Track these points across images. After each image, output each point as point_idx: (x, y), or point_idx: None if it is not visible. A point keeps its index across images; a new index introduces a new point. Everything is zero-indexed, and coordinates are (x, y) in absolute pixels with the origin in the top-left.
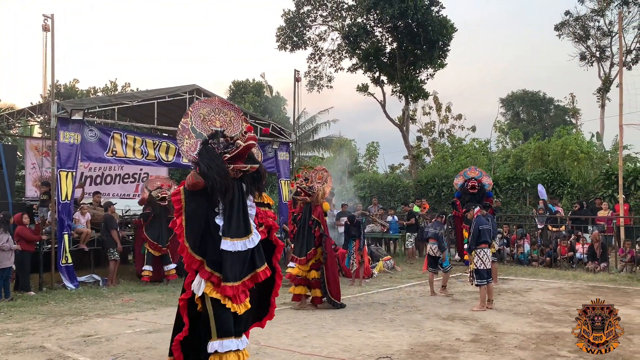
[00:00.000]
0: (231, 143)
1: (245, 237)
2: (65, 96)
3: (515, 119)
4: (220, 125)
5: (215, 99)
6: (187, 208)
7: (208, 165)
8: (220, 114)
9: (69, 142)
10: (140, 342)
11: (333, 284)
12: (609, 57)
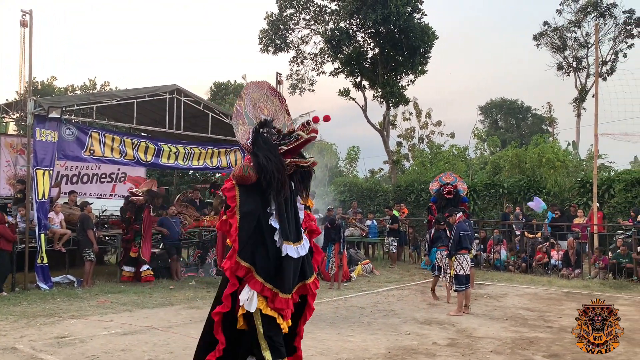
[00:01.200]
0: (286, 134)
1: (298, 243)
2: (43, 93)
3: (494, 126)
4: (268, 114)
5: (265, 83)
6: (242, 207)
7: (267, 157)
8: (268, 101)
9: (46, 140)
10: (115, 344)
11: None
12: (585, 68)
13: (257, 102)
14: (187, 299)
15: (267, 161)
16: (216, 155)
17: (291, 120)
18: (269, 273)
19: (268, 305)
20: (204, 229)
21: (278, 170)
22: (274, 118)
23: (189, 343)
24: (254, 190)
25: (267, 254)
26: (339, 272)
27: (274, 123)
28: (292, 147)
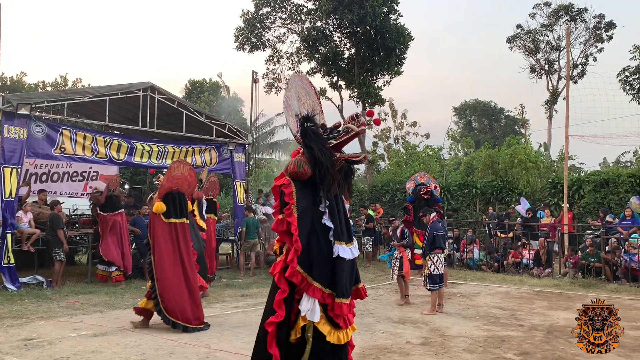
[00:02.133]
0: (332, 128)
1: (350, 243)
2: (12, 89)
3: (467, 127)
4: (307, 109)
5: (304, 76)
6: (299, 204)
7: (321, 150)
8: (307, 95)
9: (14, 138)
10: (85, 345)
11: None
12: (557, 71)
13: (299, 96)
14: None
15: (321, 154)
16: (190, 154)
17: (324, 118)
18: (325, 277)
19: (328, 312)
20: None
21: (332, 165)
22: (315, 113)
23: (160, 344)
24: (309, 187)
25: (322, 257)
26: None
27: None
28: (341, 141)
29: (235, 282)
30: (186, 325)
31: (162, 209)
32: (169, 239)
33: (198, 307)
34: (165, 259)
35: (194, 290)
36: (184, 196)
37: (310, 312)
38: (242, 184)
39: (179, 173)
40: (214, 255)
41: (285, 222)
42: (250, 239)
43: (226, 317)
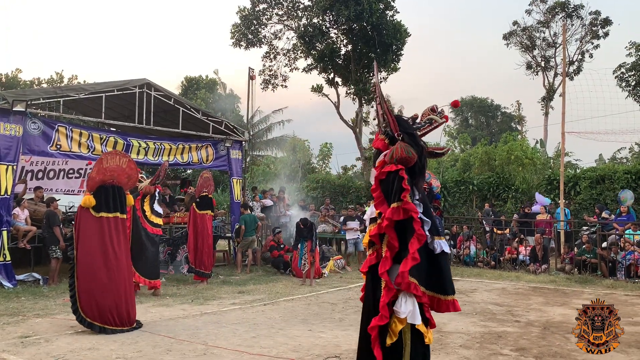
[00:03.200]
0: (414, 118)
1: (443, 237)
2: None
3: (464, 124)
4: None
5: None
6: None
7: (414, 141)
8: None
9: (10, 134)
10: (82, 342)
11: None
12: (553, 67)
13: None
14: (156, 297)
15: (416, 145)
16: (187, 150)
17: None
18: (422, 275)
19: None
20: (174, 225)
21: (424, 154)
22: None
23: (158, 341)
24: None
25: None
26: (311, 269)
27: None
28: (424, 132)
29: (232, 279)
30: (104, 326)
31: (90, 203)
32: (97, 234)
33: (128, 307)
34: (89, 256)
35: (123, 290)
36: (120, 190)
37: (411, 315)
38: (238, 180)
39: (113, 165)
40: (211, 252)
41: (401, 210)
42: (248, 236)
43: (223, 313)
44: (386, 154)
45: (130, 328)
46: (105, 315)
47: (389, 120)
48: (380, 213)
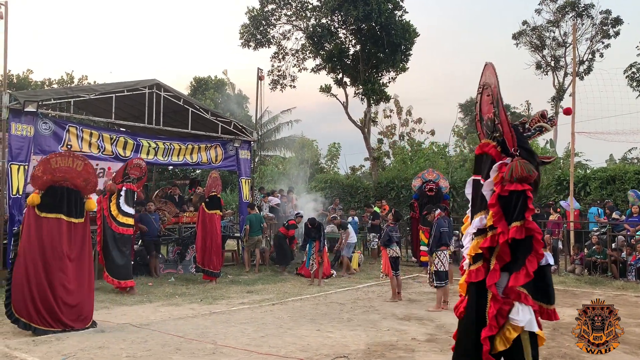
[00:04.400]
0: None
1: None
2: (18, 87)
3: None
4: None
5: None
6: None
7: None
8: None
9: (21, 135)
10: (92, 341)
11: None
12: (563, 67)
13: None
14: (165, 296)
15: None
16: (196, 151)
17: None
18: (530, 285)
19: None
20: (183, 225)
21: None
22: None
23: (167, 340)
24: None
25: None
26: (319, 269)
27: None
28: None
29: (241, 279)
30: (30, 323)
31: (35, 201)
32: (37, 234)
33: (67, 308)
34: (28, 254)
35: (64, 291)
36: (75, 193)
37: (529, 323)
38: (247, 180)
39: (63, 166)
40: (220, 251)
41: (524, 230)
42: (254, 235)
43: (232, 313)
44: (501, 167)
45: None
46: (32, 313)
47: (507, 133)
48: (491, 226)
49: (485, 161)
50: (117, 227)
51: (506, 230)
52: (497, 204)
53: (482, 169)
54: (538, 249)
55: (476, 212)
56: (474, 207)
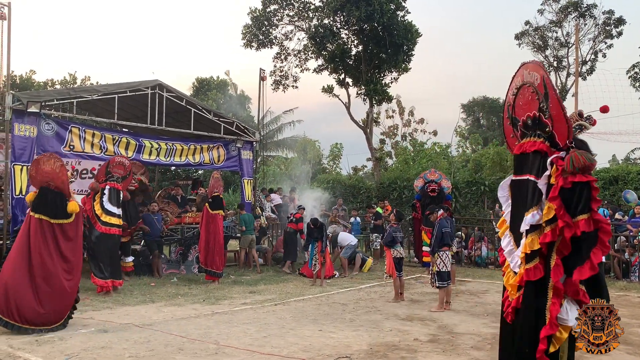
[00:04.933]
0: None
1: None
2: (21, 87)
3: (476, 124)
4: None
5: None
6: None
7: (587, 147)
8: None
9: (24, 135)
10: (95, 341)
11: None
12: (566, 67)
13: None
14: (168, 296)
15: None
16: (198, 151)
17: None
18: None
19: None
20: (185, 225)
21: None
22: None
23: (170, 340)
24: None
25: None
26: (322, 269)
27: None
28: None
29: (243, 279)
30: (9, 321)
31: (28, 199)
32: (27, 232)
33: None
34: (15, 252)
35: (43, 292)
36: (59, 195)
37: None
38: (249, 181)
39: (48, 168)
40: (222, 251)
41: (591, 222)
42: (247, 234)
43: (234, 313)
44: (557, 161)
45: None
46: (12, 312)
47: (564, 124)
48: (548, 221)
49: (532, 160)
50: (100, 226)
51: (571, 223)
52: (558, 197)
53: (525, 168)
54: (605, 240)
55: (526, 209)
56: (516, 207)
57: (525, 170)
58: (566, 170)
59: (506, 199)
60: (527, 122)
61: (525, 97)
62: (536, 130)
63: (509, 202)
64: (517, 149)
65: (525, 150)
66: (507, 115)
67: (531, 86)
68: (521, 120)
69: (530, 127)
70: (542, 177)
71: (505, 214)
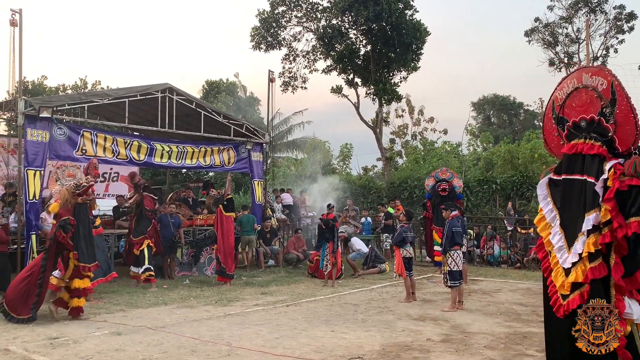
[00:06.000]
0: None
1: None
2: (33, 93)
3: (486, 122)
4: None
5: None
6: None
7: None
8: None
9: (37, 140)
10: (109, 344)
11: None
12: (577, 63)
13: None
14: (181, 298)
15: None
16: (209, 153)
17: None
18: None
19: None
20: (197, 227)
21: None
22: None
23: (182, 342)
24: None
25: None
26: (333, 270)
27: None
28: None
29: (255, 280)
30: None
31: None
32: None
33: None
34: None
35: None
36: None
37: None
38: (260, 182)
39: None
40: (234, 253)
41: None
42: (245, 235)
43: (247, 314)
44: (616, 165)
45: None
46: (10, 304)
47: (635, 131)
48: (606, 222)
49: (589, 162)
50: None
51: (623, 224)
52: (614, 198)
53: (577, 168)
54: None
55: (586, 210)
56: (568, 206)
57: (577, 170)
58: (625, 173)
59: (544, 197)
60: (580, 124)
61: (581, 99)
62: (589, 132)
63: (547, 200)
64: (569, 149)
65: (580, 151)
66: (551, 114)
67: (593, 90)
68: (571, 121)
69: (583, 129)
70: (599, 180)
71: (545, 212)
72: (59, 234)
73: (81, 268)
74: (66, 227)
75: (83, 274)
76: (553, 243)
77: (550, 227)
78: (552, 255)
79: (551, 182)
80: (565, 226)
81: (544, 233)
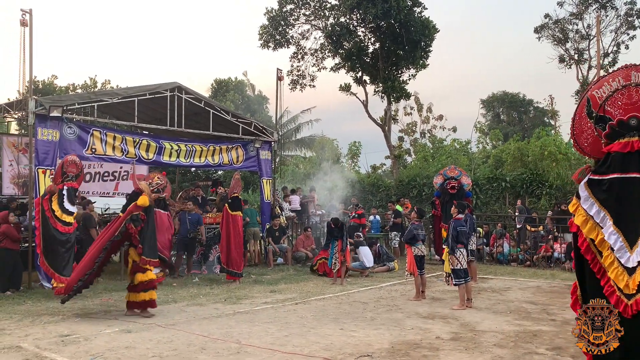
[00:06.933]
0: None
1: None
2: (44, 92)
3: (496, 120)
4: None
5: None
6: None
7: None
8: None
9: (47, 140)
10: (119, 341)
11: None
12: (587, 60)
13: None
14: (190, 296)
15: None
16: (218, 152)
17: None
18: None
19: None
20: (206, 226)
21: None
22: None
23: (192, 340)
24: None
25: None
26: (342, 268)
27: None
28: None
29: (264, 278)
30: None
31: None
32: None
33: None
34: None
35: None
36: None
37: None
38: (268, 181)
39: None
40: (242, 252)
41: None
42: (251, 227)
43: (256, 312)
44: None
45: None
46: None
47: None
48: None
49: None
50: (63, 227)
51: None
52: None
53: (632, 167)
54: None
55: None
56: (626, 205)
57: (633, 169)
58: None
59: (586, 198)
60: (629, 122)
61: (631, 98)
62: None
63: (591, 200)
64: (622, 147)
65: (636, 149)
66: (584, 113)
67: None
68: (616, 120)
69: (633, 127)
70: None
71: (593, 213)
72: (129, 226)
73: (142, 261)
74: (137, 221)
75: (144, 268)
76: (610, 243)
77: (598, 228)
78: (603, 256)
79: (592, 183)
80: (622, 226)
81: (592, 234)
